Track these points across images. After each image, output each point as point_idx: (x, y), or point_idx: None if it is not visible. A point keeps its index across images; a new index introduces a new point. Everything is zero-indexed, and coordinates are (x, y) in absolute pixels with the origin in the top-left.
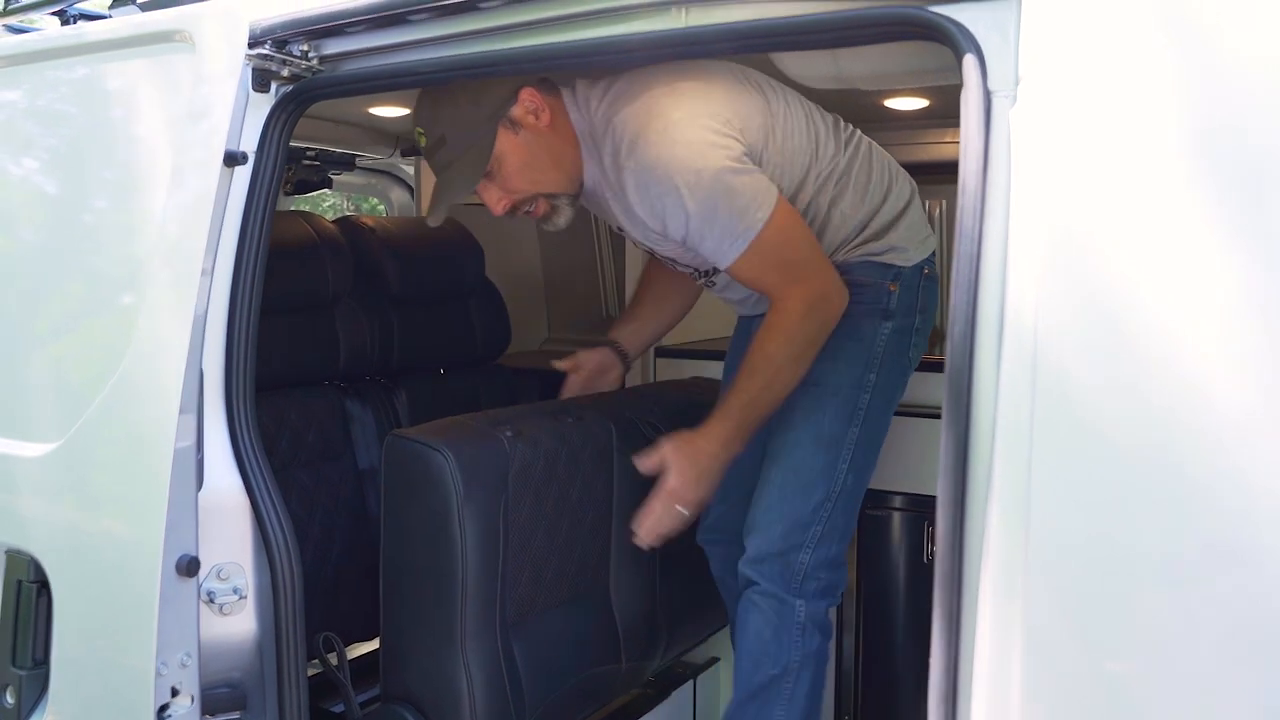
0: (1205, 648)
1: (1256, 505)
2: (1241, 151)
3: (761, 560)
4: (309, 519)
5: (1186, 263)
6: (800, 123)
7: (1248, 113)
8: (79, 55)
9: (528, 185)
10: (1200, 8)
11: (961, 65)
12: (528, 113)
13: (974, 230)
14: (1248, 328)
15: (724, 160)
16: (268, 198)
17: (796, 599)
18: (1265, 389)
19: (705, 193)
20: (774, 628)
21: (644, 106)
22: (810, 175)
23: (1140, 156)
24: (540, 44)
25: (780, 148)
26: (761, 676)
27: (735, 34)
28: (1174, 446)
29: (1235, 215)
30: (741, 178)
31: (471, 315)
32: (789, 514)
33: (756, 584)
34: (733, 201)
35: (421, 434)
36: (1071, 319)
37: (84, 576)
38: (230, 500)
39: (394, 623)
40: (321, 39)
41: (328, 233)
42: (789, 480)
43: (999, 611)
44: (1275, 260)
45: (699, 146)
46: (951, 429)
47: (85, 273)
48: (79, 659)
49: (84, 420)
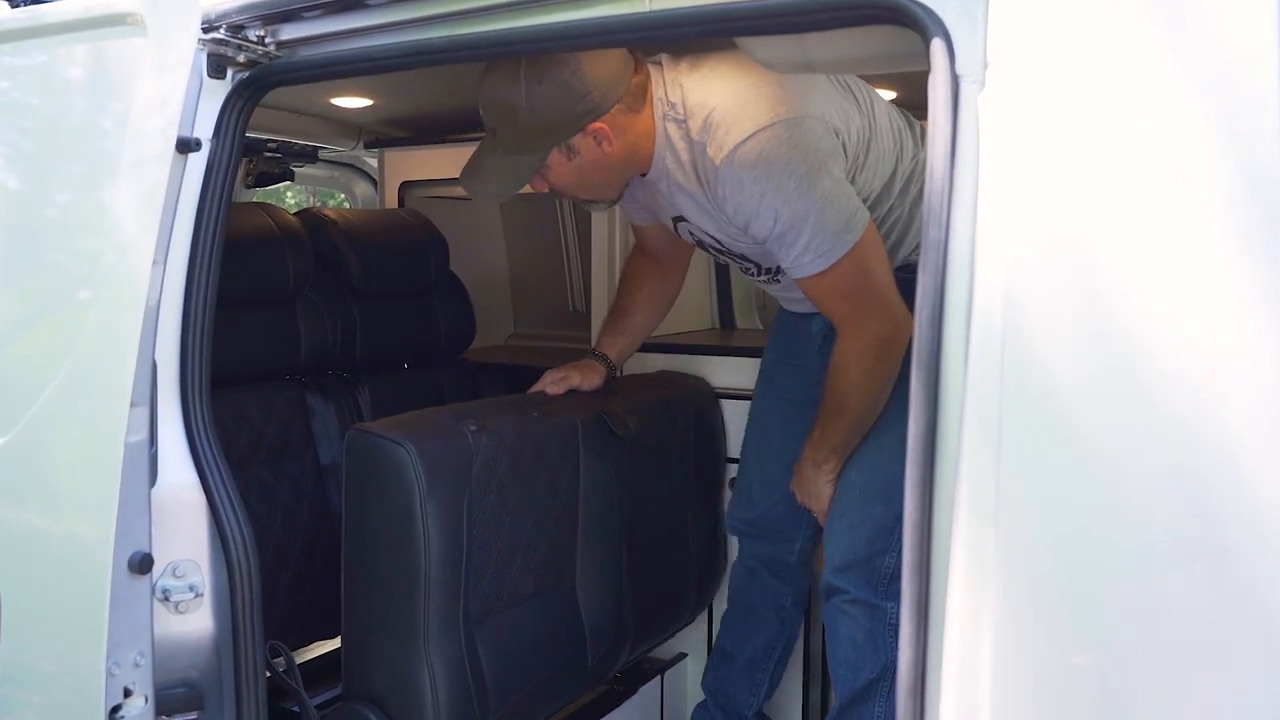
0: (1172, 641)
1: (1224, 500)
2: (1213, 138)
3: (848, 568)
4: (269, 515)
5: (1158, 252)
6: (885, 121)
7: (1218, 98)
8: (27, 39)
9: (570, 191)
10: None
11: (929, 50)
12: (591, 141)
13: (942, 216)
14: (1220, 320)
15: (830, 170)
16: (223, 186)
17: (886, 602)
18: (1235, 384)
19: (801, 201)
20: (867, 632)
21: (749, 98)
22: (898, 174)
23: (1110, 142)
24: (502, 28)
25: (878, 149)
26: (862, 681)
27: (700, 17)
28: (1143, 440)
29: (1207, 203)
30: (840, 192)
31: (436, 309)
32: (873, 517)
33: (845, 591)
34: (826, 216)
35: (384, 428)
36: (1040, 307)
37: (33, 575)
38: (185, 496)
39: (356, 620)
40: (278, 24)
41: (288, 225)
42: (872, 483)
43: (968, 603)
44: (1249, 250)
45: (804, 150)
46: (919, 417)
47: (36, 263)
48: (29, 659)
49: (32, 414)
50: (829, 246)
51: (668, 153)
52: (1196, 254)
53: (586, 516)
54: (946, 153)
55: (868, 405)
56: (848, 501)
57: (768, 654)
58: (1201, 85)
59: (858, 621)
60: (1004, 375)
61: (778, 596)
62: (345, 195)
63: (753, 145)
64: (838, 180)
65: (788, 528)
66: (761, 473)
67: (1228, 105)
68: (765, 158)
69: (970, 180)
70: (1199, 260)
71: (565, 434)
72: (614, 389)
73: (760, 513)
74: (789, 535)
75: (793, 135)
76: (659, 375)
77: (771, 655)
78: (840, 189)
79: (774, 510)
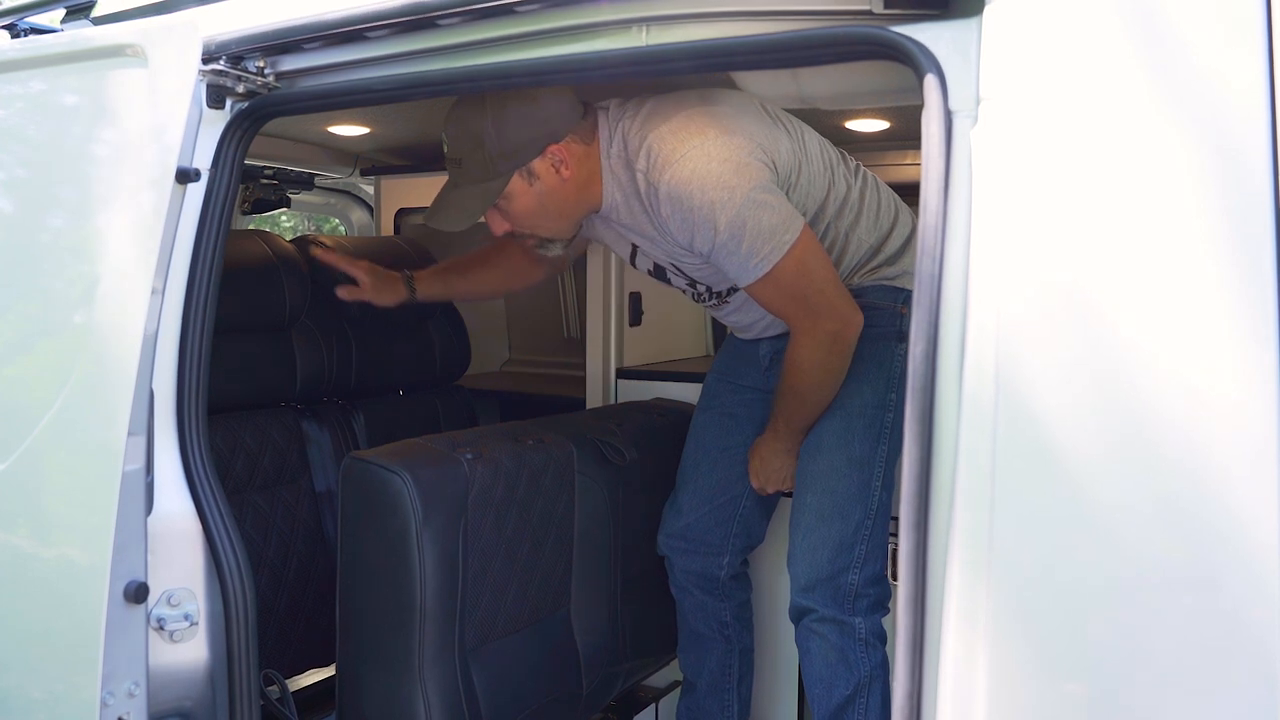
0: (1164, 668)
1: (1215, 527)
2: (1204, 169)
3: (813, 587)
4: (264, 543)
5: (1150, 282)
6: (816, 150)
7: (1210, 130)
8: (29, 69)
9: (528, 227)
10: (1160, 28)
11: (922, 85)
12: (550, 167)
13: (935, 250)
14: (1211, 347)
15: (756, 180)
16: (221, 216)
17: (854, 618)
18: (1226, 411)
19: (736, 211)
20: (838, 649)
21: (680, 125)
22: (830, 200)
23: (1101, 176)
24: (499, 62)
25: (808, 173)
26: (837, 698)
27: (696, 53)
28: (1136, 469)
29: (1199, 233)
30: (772, 200)
31: (431, 336)
32: (832, 537)
33: (813, 610)
34: (761, 223)
35: (380, 456)
36: (1034, 339)
37: (28, 602)
38: (181, 524)
39: (350, 648)
40: (277, 55)
41: (285, 252)
42: (827, 504)
43: (962, 634)
44: (1241, 278)
45: (733, 164)
46: (914, 449)
47: (34, 291)
48: (22, 687)
49: (30, 441)
50: (769, 249)
51: (616, 189)
52: (1194, 283)
53: (581, 544)
54: (940, 187)
55: (823, 394)
56: (805, 523)
57: (725, 675)
58: (1191, 121)
59: (828, 640)
60: (998, 407)
61: (718, 615)
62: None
63: (684, 164)
64: (768, 189)
65: (716, 539)
66: (695, 485)
67: (1216, 141)
68: (698, 174)
69: (964, 215)
70: (1197, 289)
71: (561, 462)
72: (607, 415)
73: (688, 523)
74: (717, 547)
75: (721, 151)
76: (653, 403)
77: (729, 675)
78: (771, 196)
79: (702, 521)
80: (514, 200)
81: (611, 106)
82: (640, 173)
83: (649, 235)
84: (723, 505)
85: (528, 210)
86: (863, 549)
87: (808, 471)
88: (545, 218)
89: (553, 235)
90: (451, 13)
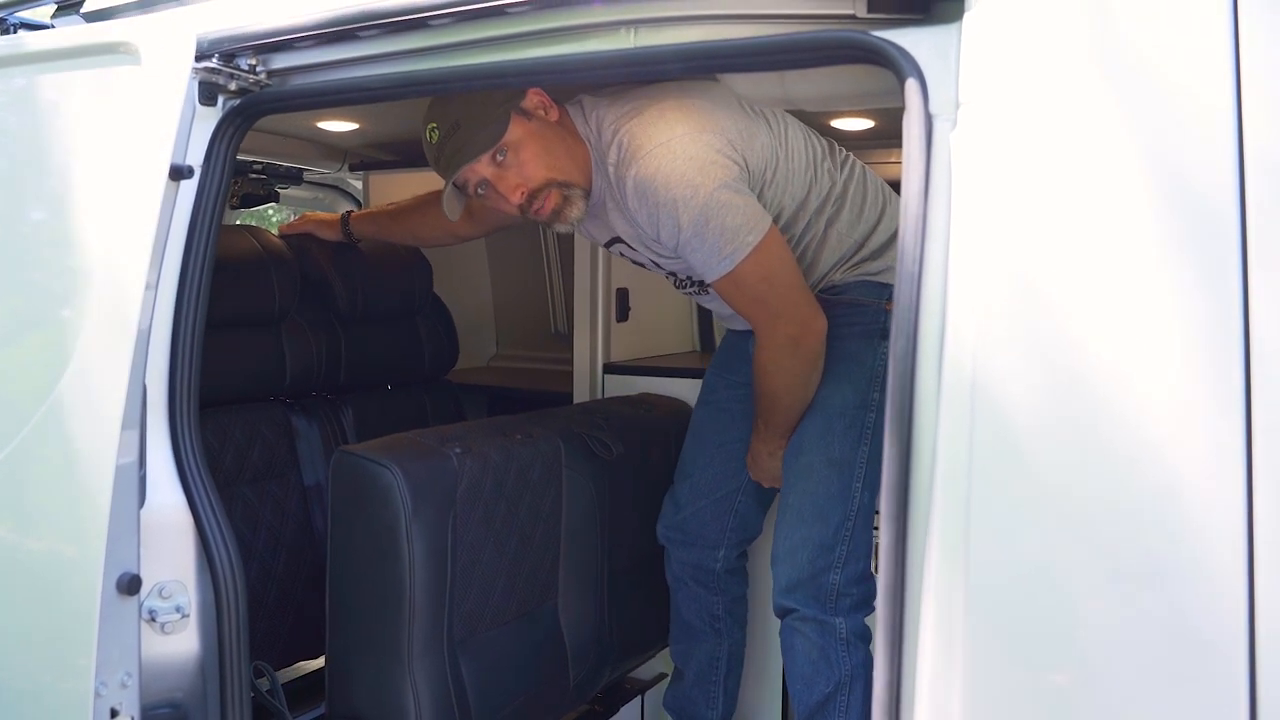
0: (1139, 661)
1: (1185, 525)
2: (1179, 175)
3: (794, 588)
4: (253, 536)
5: (1126, 287)
6: (800, 144)
7: (1185, 137)
8: (20, 65)
9: (544, 171)
10: (1137, 34)
11: (904, 89)
12: (538, 107)
13: (915, 251)
14: (1186, 355)
15: (722, 178)
16: (213, 212)
17: (835, 618)
18: (1197, 416)
19: (700, 209)
20: (820, 649)
21: (651, 119)
22: (811, 195)
23: (1079, 180)
24: (490, 62)
25: (786, 169)
26: (817, 696)
27: (683, 54)
28: (1107, 466)
29: (1175, 240)
30: (737, 199)
31: (420, 331)
32: (812, 539)
33: (795, 610)
34: (725, 222)
35: (369, 450)
36: (1010, 340)
37: (21, 595)
38: (173, 517)
39: (340, 640)
40: (269, 53)
41: (275, 248)
42: (806, 506)
43: (940, 625)
44: (1208, 280)
45: (699, 162)
46: (893, 446)
47: (27, 286)
48: (15, 679)
49: (23, 436)
50: (731, 249)
51: (600, 178)
52: (1169, 289)
53: (569, 538)
54: (920, 190)
55: (796, 396)
56: (786, 523)
57: (712, 667)
58: (1162, 127)
59: (810, 639)
60: (974, 406)
61: (710, 608)
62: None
63: (651, 160)
64: (734, 189)
65: (712, 533)
66: (692, 479)
67: (1186, 147)
68: (664, 170)
69: (943, 217)
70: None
71: (549, 456)
72: (595, 410)
73: (686, 515)
74: (713, 541)
75: (687, 149)
76: (641, 397)
77: (717, 668)
78: (737, 196)
79: (700, 514)
80: (522, 146)
81: (584, 100)
82: (611, 165)
83: (627, 225)
84: (720, 499)
85: (537, 153)
86: (844, 549)
87: (790, 472)
88: (556, 156)
89: (570, 179)
90: (442, 13)
